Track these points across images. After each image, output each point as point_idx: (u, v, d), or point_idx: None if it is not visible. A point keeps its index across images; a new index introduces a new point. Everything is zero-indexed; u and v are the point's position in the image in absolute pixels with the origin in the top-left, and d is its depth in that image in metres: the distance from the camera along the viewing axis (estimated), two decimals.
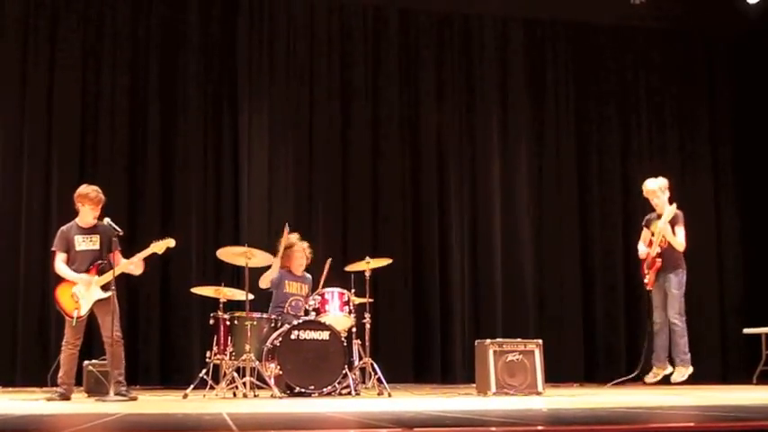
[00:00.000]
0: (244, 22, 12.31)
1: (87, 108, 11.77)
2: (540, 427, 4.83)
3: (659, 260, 9.45)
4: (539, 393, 9.09)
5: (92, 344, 9.06)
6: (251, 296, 9.01)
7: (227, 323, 8.95)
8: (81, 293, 8.21)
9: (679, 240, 9.43)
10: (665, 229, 9.38)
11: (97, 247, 8.33)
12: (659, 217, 9.58)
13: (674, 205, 9.48)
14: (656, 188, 9.63)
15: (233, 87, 12.23)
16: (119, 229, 8.26)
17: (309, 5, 12.63)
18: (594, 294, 13.08)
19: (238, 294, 9.22)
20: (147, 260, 8.54)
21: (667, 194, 9.65)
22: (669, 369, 9.56)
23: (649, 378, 9.75)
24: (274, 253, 9.31)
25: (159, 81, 11.98)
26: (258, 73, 12.32)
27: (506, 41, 13.26)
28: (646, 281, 9.61)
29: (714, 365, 12.98)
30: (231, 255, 9.25)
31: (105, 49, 11.88)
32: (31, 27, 11.69)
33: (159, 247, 8.45)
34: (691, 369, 9.33)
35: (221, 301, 9.18)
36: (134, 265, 8.42)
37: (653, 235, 9.60)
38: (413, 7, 12.96)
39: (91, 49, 11.86)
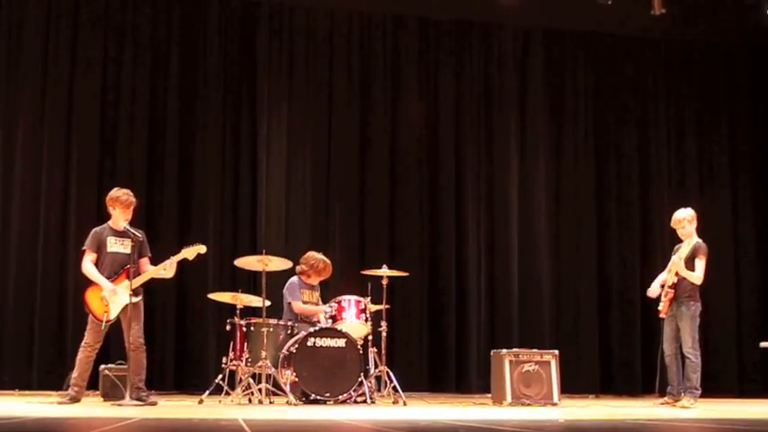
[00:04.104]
0: (264, 29, 12.36)
1: (107, 112, 11.80)
2: None
3: (672, 291, 9.33)
4: (554, 404, 9.07)
5: (108, 348, 9.08)
6: (267, 303, 9.03)
7: (244, 329, 8.98)
8: (111, 297, 8.22)
9: (696, 274, 9.24)
10: (678, 264, 9.26)
11: (128, 251, 8.31)
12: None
13: (695, 238, 9.34)
14: (682, 218, 9.49)
15: (252, 94, 12.26)
16: (138, 234, 8.28)
17: (329, 12, 12.66)
18: (611, 306, 13.02)
19: (255, 301, 9.23)
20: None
21: (695, 225, 9.50)
22: (681, 402, 9.30)
23: (659, 404, 9.54)
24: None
25: (179, 86, 12.02)
26: (277, 80, 12.36)
27: (526, 51, 13.25)
28: (660, 308, 9.48)
29: (731, 379, 12.92)
30: (249, 261, 9.28)
31: (126, 52, 11.93)
32: (52, 30, 11.74)
33: (190, 252, 8.46)
34: (698, 405, 9.11)
35: (238, 307, 9.19)
36: (166, 269, 8.42)
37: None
38: (432, 16, 12.96)
39: (111, 52, 11.90)
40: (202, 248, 8.53)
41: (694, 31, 13.36)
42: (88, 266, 8.35)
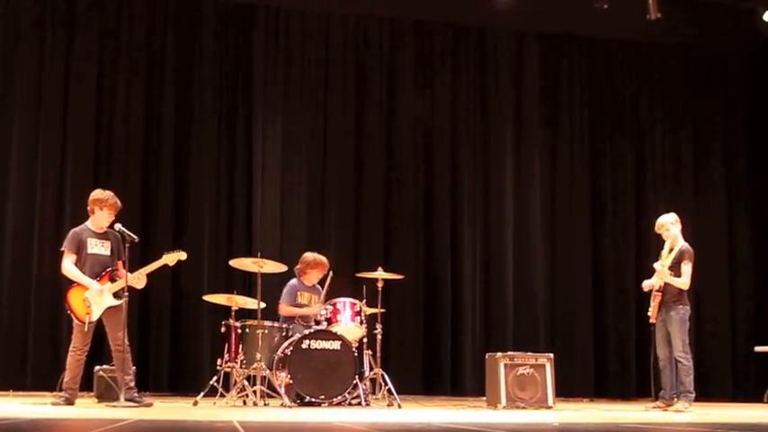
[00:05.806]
0: (259, 34, 12.35)
1: (102, 118, 11.78)
2: None
3: (659, 295, 9.34)
4: (549, 407, 9.08)
5: (102, 349, 9.04)
6: (263, 304, 9.03)
7: (239, 331, 8.97)
8: (93, 299, 8.16)
9: (682, 280, 9.22)
10: (662, 272, 9.25)
11: (108, 252, 8.31)
12: (671, 251, 9.45)
13: (680, 242, 9.36)
14: (664, 221, 9.51)
15: (247, 98, 12.26)
16: (134, 236, 8.23)
17: (325, 16, 12.66)
18: (606, 309, 13.02)
19: (250, 303, 9.22)
20: (153, 272, 8.42)
21: (678, 227, 9.51)
22: (675, 406, 9.30)
23: (651, 408, 9.53)
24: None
25: (174, 92, 12.01)
26: (273, 84, 12.35)
27: (521, 55, 13.26)
28: (649, 313, 9.48)
29: (725, 383, 12.93)
30: (244, 262, 9.29)
31: (121, 59, 11.91)
32: (47, 37, 11.72)
33: (171, 258, 8.42)
34: (692, 409, 9.10)
35: (233, 309, 9.19)
36: (137, 280, 8.28)
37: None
38: (428, 19, 12.97)
39: (107, 59, 11.88)
40: (182, 255, 8.50)
41: (690, 36, 13.38)
42: (70, 267, 8.24)
